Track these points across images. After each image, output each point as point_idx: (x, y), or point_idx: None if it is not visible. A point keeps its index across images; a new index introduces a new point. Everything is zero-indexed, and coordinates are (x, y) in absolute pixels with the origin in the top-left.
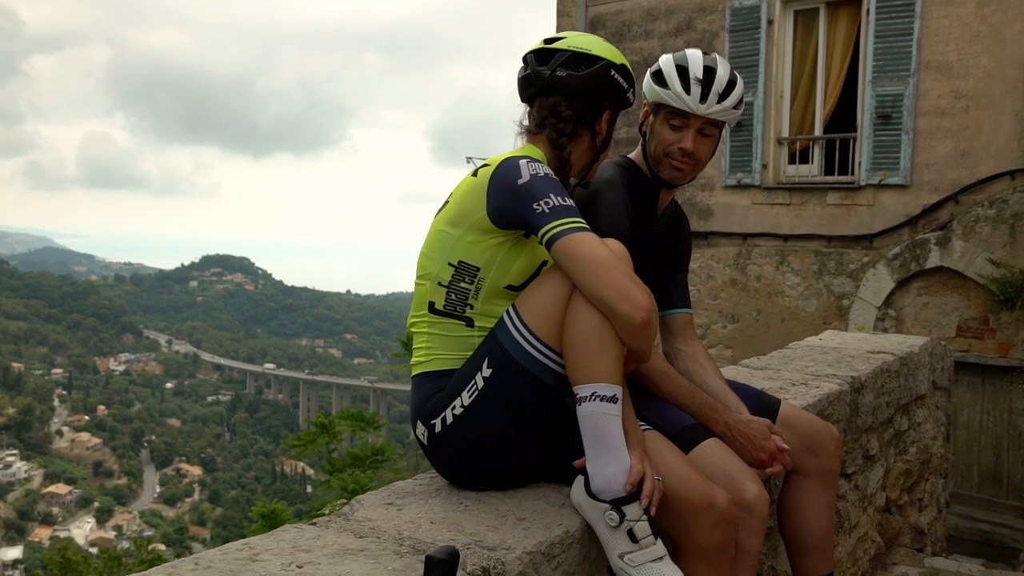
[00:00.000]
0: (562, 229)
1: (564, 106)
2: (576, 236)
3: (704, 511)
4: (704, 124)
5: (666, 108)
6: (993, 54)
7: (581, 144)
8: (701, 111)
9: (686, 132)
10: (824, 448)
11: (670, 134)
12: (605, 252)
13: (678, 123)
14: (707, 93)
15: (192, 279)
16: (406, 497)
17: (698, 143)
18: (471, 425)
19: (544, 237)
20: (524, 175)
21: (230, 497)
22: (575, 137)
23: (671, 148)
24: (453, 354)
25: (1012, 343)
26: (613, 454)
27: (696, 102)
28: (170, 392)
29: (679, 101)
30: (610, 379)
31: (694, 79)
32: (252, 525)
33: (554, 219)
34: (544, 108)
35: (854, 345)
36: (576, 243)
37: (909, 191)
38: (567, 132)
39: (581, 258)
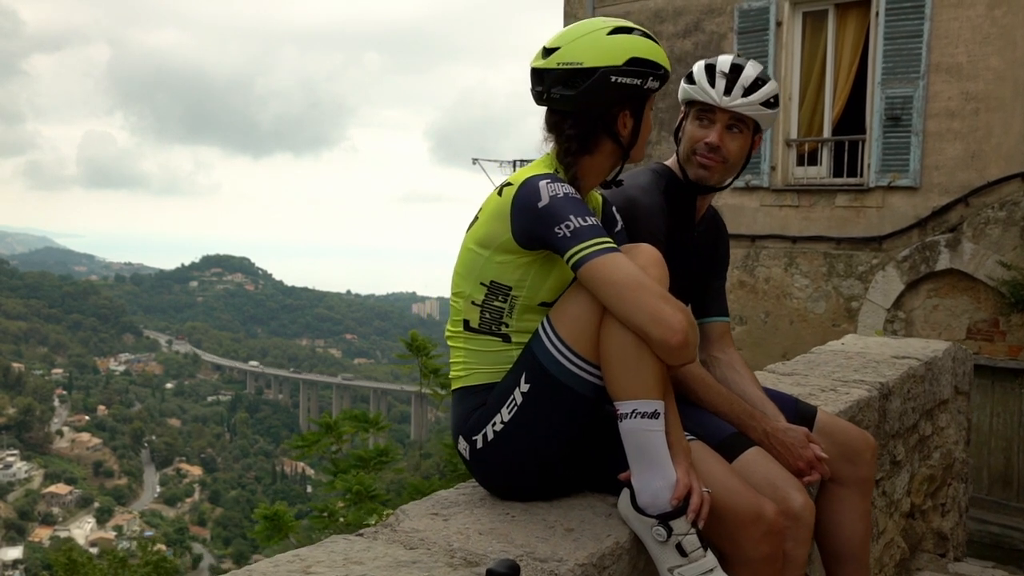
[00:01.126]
0: (586, 253)
1: (567, 125)
2: (600, 260)
3: (752, 523)
4: (732, 120)
5: (695, 106)
6: (1003, 56)
7: (601, 152)
8: (725, 103)
9: (712, 127)
10: (861, 456)
11: (697, 130)
12: (632, 273)
13: (705, 119)
14: (731, 87)
15: (192, 279)
16: (451, 507)
17: (725, 138)
18: (512, 440)
19: (570, 261)
20: (544, 197)
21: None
22: (588, 151)
23: (698, 144)
24: (491, 368)
25: (1022, 345)
26: (657, 469)
27: (720, 94)
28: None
29: (704, 94)
30: (650, 395)
31: (719, 73)
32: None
33: (577, 242)
34: (550, 126)
35: (877, 350)
36: (601, 267)
37: (919, 193)
38: (573, 151)
39: (608, 282)
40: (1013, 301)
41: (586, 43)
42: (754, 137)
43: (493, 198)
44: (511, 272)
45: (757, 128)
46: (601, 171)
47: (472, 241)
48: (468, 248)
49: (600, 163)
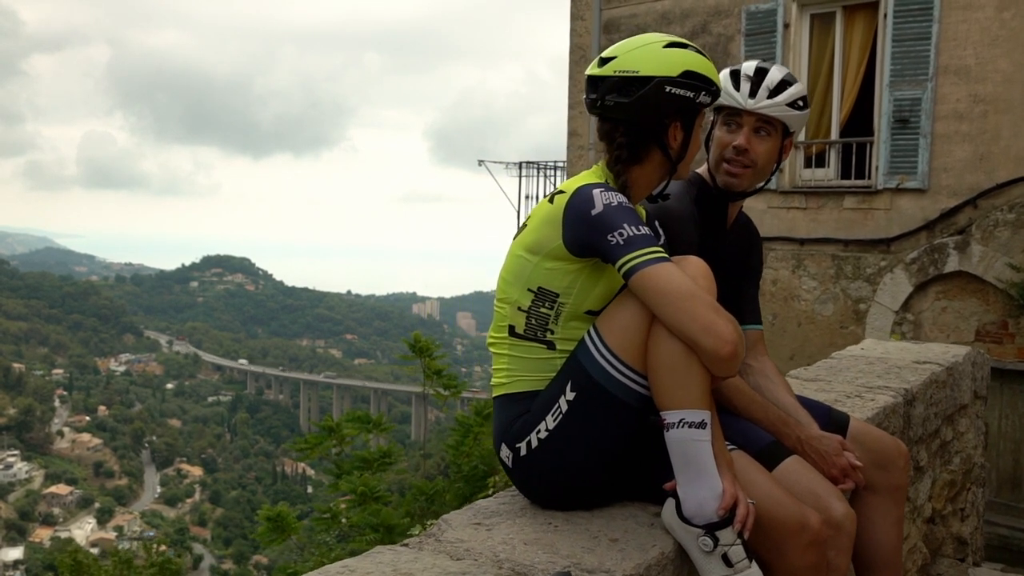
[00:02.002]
0: (639, 261)
1: (619, 133)
2: (653, 269)
3: (797, 533)
4: (759, 122)
5: (723, 112)
6: (1012, 58)
7: (651, 162)
8: (750, 105)
9: (740, 131)
10: (894, 464)
11: (725, 135)
12: (685, 283)
13: (732, 123)
14: (756, 89)
15: (193, 279)
16: (493, 517)
17: (752, 141)
18: (556, 448)
19: (622, 269)
20: (598, 205)
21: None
22: (638, 161)
23: (726, 149)
24: (535, 375)
25: None
26: (704, 479)
27: (745, 97)
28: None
29: (729, 98)
30: (698, 404)
31: (744, 77)
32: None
33: (630, 251)
34: (602, 135)
35: (898, 355)
36: (654, 276)
37: (927, 195)
38: (623, 159)
39: (661, 292)
40: (1022, 303)
41: (643, 53)
42: (784, 141)
43: (544, 205)
44: (559, 279)
45: (786, 132)
46: (649, 183)
47: (521, 247)
48: (516, 254)
49: (649, 174)
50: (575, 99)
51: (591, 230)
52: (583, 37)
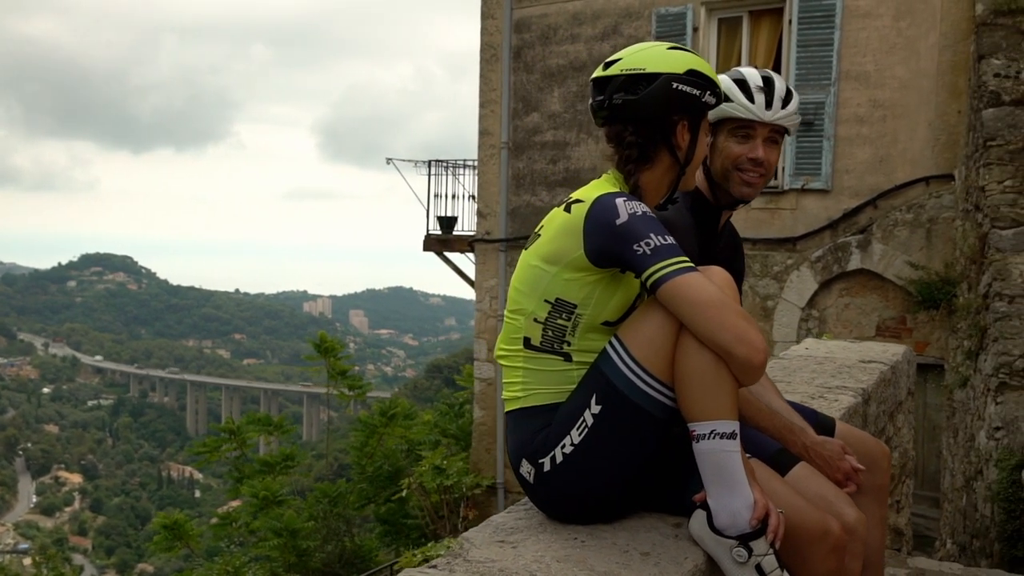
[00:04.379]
0: (668, 271)
1: (628, 132)
2: (683, 279)
3: (820, 539)
4: (771, 132)
5: (730, 123)
6: (908, 66)
7: (660, 164)
8: (768, 117)
9: (754, 142)
10: (878, 464)
11: (737, 147)
12: (715, 293)
13: (744, 134)
14: (771, 100)
15: (70, 279)
16: (515, 534)
17: (767, 151)
18: (583, 462)
19: (649, 280)
20: (622, 215)
21: (113, 504)
22: (648, 161)
23: (740, 160)
24: (552, 388)
25: (928, 342)
26: (736, 490)
27: (762, 109)
28: (47, 397)
29: (745, 111)
30: (728, 415)
31: (755, 87)
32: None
33: (657, 261)
34: (610, 137)
35: (842, 354)
36: (683, 286)
37: (830, 196)
38: (634, 158)
39: (692, 302)
40: (920, 299)
41: (649, 53)
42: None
43: (559, 214)
44: (578, 290)
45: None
46: (659, 187)
47: (536, 258)
48: (531, 265)
49: (658, 178)
50: (486, 98)
51: (616, 240)
52: (494, 36)
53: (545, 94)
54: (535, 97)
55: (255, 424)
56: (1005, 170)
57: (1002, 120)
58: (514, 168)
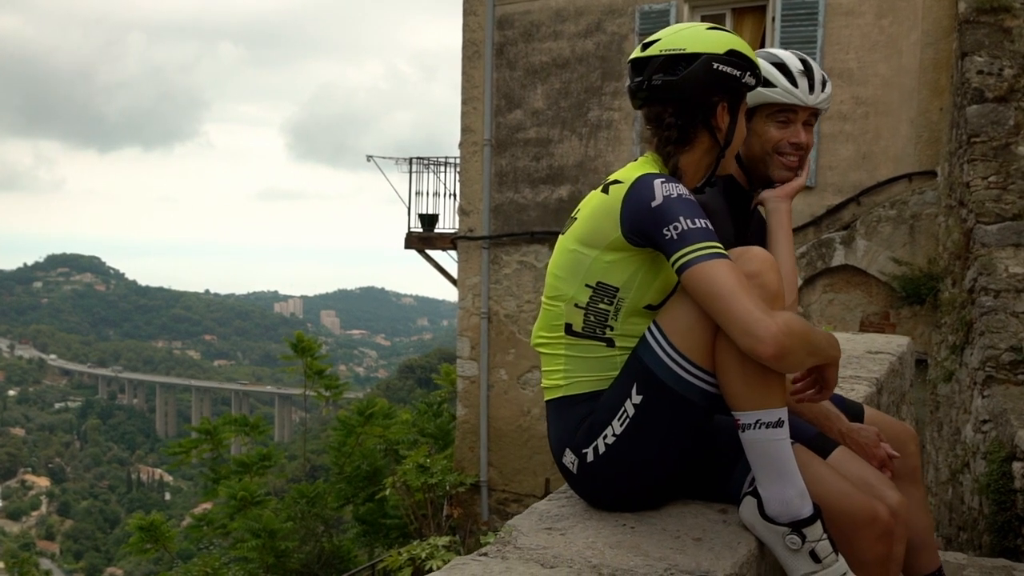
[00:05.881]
0: (691, 258)
1: (668, 114)
2: (701, 267)
3: (869, 524)
4: (810, 116)
5: (768, 108)
6: (890, 63)
7: (699, 146)
8: (811, 101)
9: (795, 126)
10: (907, 447)
11: (777, 131)
12: (728, 282)
13: (784, 119)
14: (813, 84)
15: (36, 279)
16: (561, 521)
17: (808, 135)
18: (625, 453)
19: (675, 265)
20: (658, 196)
21: (82, 508)
22: (688, 143)
23: (781, 144)
24: (595, 375)
25: (911, 336)
26: (788, 478)
27: (806, 93)
28: (13, 400)
29: (789, 96)
30: (773, 403)
31: (797, 72)
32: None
33: (682, 246)
34: (649, 119)
35: (848, 346)
36: (699, 274)
37: (814, 192)
38: (673, 140)
39: (705, 292)
40: (903, 295)
41: (688, 34)
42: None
43: (597, 196)
44: (619, 272)
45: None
46: (698, 169)
47: (574, 241)
48: (570, 250)
49: (698, 159)
50: (469, 95)
51: (649, 220)
52: (476, 32)
53: (528, 91)
54: (518, 94)
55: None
56: (989, 166)
57: (985, 117)
58: (497, 165)
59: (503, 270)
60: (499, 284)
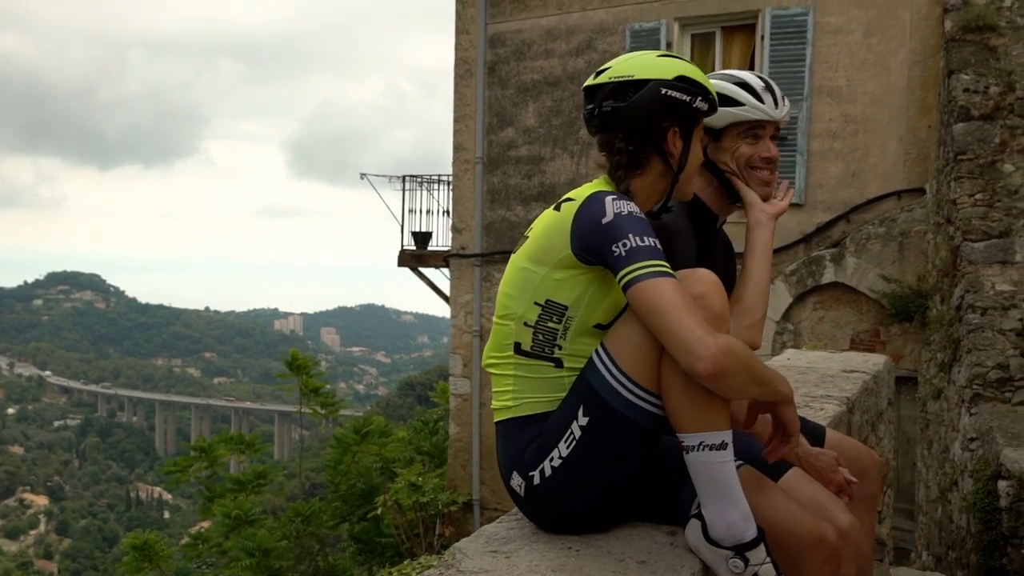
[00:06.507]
0: (635, 275)
1: (618, 139)
2: (645, 283)
3: (816, 546)
4: (775, 131)
5: (738, 126)
6: (879, 81)
7: (652, 171)
8: (777, 116)
9: (764, 141)
10: (868, 473)
11: (748, 147)
12: (671, 300)
13: (754, 135)
14: (776, 99)
15: (36, 297)
16: (508, 544)
17: (776, 148)
18: (571, 475)
19: (621, 282)
20: (608, 213)
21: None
22: (639, 168)
23: (753, 159)
24: (544, 396)
25: (901, 354)
26: (731, 501)
27: (772, 108)
28: (12, 418)
29: (759, 112)
30: (717, 426)
31: (761, 88)
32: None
33: (629, 263)
34: (602, 145)
35: (824, 364)
36: (643, 291)
37: (804, 210)
38: (624, 165)
39: (648, 309)
40: (893, 312)
41: (638, 61)
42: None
43: (549, 214)
44: (568, 290)
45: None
46: (651, 194)
47: (525, 259)
48: (520, 267)
49: (650, 184)
50: (461, 113)
51: (599, 238)
52: (468, 51)
53: (520, 109)
54: (510, 112)
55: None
56: (976, 183)
57: (972, 134)
58: (489, 183)
59: (495, 288)
60: (491, 302)
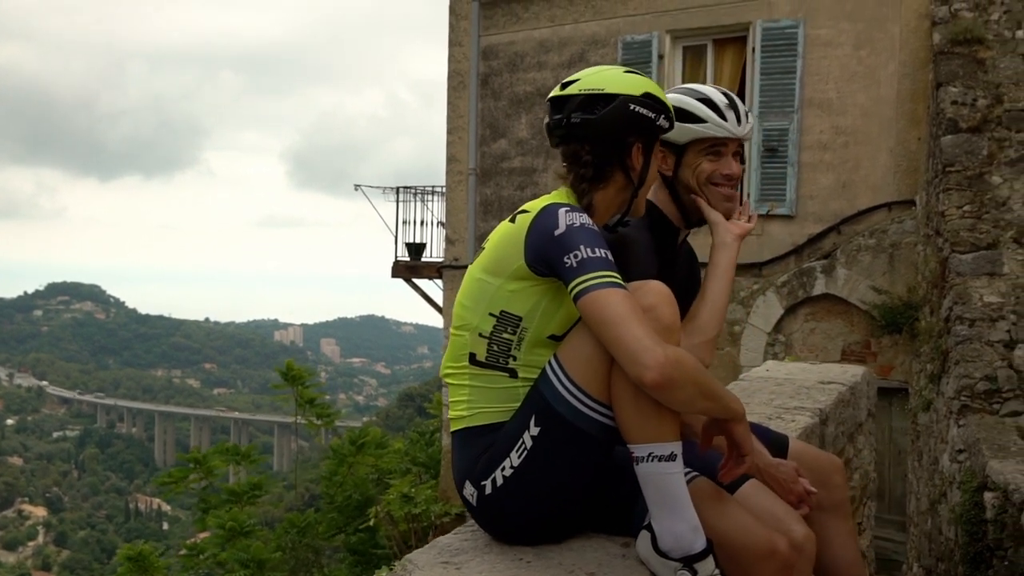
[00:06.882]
0: (586, 286)
1: (585, 151)
2: (595, 294)
3: (767, 558)
4: (737, 147)
5: (700, 143)
6: (869, 93)
7: (613, 185)
8: (740, 133)
9: (726, 158)
10: (831, 480)
11: (710, 164)
12: (621, 310)
13: (716, 152)
14: (739, 116)
15: (36, 308)
16: (459, 555)
17: (738, 165)
18: (522, 486)
19: (572, 292)
20: (561, 225)
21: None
22: (602, 181)
23: (714, 176)
24: (498, 407)
25: (892, 365)
26: (680, 512)
27: (735, 125)
28: (11, 429)
29: (721, 130)
30: (666, 437)
31: (724, 106)
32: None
33: (580, 274)
34: (566, 156)
35: (802, 376)
36: (593, 302)
37: (795, 221)
38: (588, 178)
39: (598, 318)
40: (884, 324)
41: (607, 75)
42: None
43: (505, 226)
44: (522, 301)
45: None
46: (610, 207)
47: (480, 270)
48: (476, 278)
49: (611, 198)
50: (454, 124)
51: (552, 249)
52: (461, 63)
53: (512, 121)
54: (502, 124)
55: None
56: (964, 195)
57: (960, 147)
58: (482, 194)
59: None
60: None
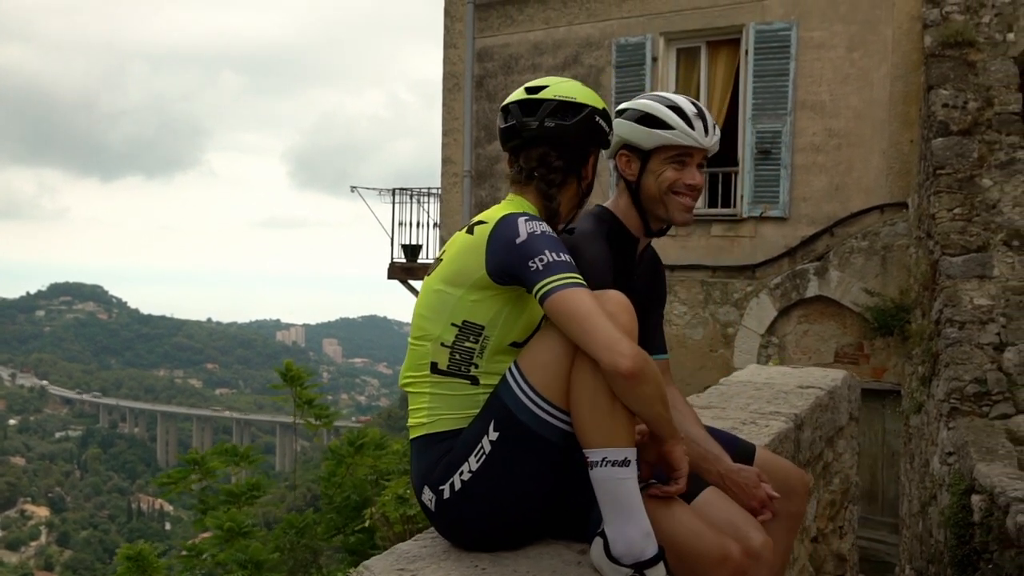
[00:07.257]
0: (554, 285)
1: (554, 156)
2: (563, 293)
3: (719, 565)
4: (702, 158)
5: (666, 150)
6: (862, 95)
7: (568, 191)
8: (706, 144)
9: (690, 168)
10: (795, 492)
11: (673, 172)
12: (592, 305)
13: (680, 161)
14: (707, 127)
15: (38, 308)
16: (416, 562)
17: (700, 176)
18: (480, 490)
19: (538, 294)
20: (522, 233)
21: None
22: (564, 186)
23: (676, 185)
24: (458, 413)
25: (885, 367)
26: (632, 518)
27: (702, 136)
28: (14, 429)
29: (687, 138)
30: (620, 442)
31: (693, 115)
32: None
33: (547, 275)
34: (532, 159)
35: (782, 380)
36: (563, 299)
37: (788, 223)
38: (557, 182)
39: (569, 313)
40: (876, 326)
41: (574, 86)
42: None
43: (462, 237)
44: (485, 310)
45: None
46: (567, 214)
47: (440, 282)
48: (435, 289)
49: (566, 203)
50: (449, 126)
51: (514, 257)
52: (456, 65)
53: None
54: (497, 126)
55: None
56: (954, 198)
57: (950, 149)
58: (476, 196)
59: None
60: None
